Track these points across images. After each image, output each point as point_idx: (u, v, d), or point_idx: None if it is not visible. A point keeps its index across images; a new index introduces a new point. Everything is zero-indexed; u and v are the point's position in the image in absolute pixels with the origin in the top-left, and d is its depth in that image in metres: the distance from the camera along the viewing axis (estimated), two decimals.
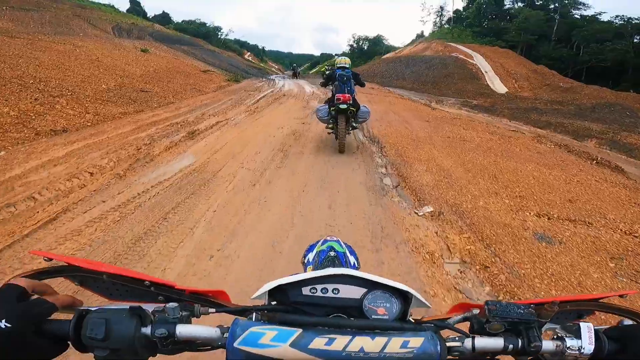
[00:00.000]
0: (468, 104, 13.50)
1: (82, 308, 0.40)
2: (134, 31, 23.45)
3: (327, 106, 4.86)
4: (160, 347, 0.41)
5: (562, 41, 33.28)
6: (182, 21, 49.01)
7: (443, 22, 47.01)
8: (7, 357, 0.35)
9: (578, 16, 34.71)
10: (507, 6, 39.42)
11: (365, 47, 72.55)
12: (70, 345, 0.39)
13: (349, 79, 4.81)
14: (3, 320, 0.34)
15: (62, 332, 0.38)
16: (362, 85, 5.27)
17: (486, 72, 21.65)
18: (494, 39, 34.26)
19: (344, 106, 4.53)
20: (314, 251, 1.05)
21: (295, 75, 24.89)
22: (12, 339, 0.35)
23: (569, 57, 31.91)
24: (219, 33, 49.09)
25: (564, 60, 31.51)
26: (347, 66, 5.02)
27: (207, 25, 48.02)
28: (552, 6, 35.85)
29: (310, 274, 0.45)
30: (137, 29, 24.16)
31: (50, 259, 0.45)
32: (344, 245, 1.05)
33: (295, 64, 34.24)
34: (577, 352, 0.41)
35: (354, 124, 5.04)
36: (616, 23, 30.21)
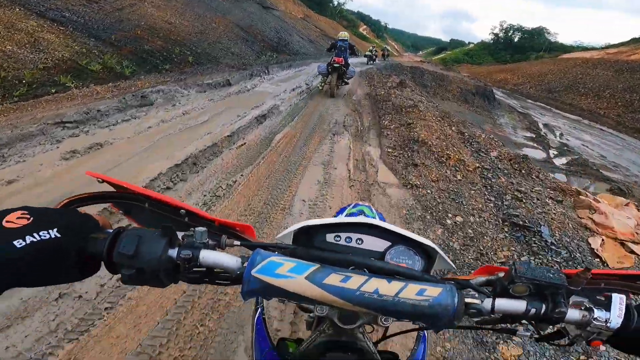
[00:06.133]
0: None
1: (119, 226, 0.41)
2: None
3: (326, 65, 7.62)
4: (183, 271, 0.41)
5: None
6: None
7: None
8: (44, 266, 0.35)
9: None
10: None
11: (516, 39, 58.14)
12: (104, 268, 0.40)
13: (345, 49, 7.62)
14: (55, 229, 0.36)
15: (98, 250, 0.38)
16: (357, 55, 9.53)
17: None
18: None
19: (337, 65, 7.24)
20: (344, 213, 1.04)
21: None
22: (57, 249, 0.35)
23: None
24: (335, 1, 48.35)
25: None
26: (346, 39, 7.80)
27: None
28: None
29: (337, 218, 0.46)
30: None
31: (103, 181, 0.49)
32: (374, 211, 1.03)
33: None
34: (604, 324, 0.39)
35: (346, 80, 7.87)
36: None
